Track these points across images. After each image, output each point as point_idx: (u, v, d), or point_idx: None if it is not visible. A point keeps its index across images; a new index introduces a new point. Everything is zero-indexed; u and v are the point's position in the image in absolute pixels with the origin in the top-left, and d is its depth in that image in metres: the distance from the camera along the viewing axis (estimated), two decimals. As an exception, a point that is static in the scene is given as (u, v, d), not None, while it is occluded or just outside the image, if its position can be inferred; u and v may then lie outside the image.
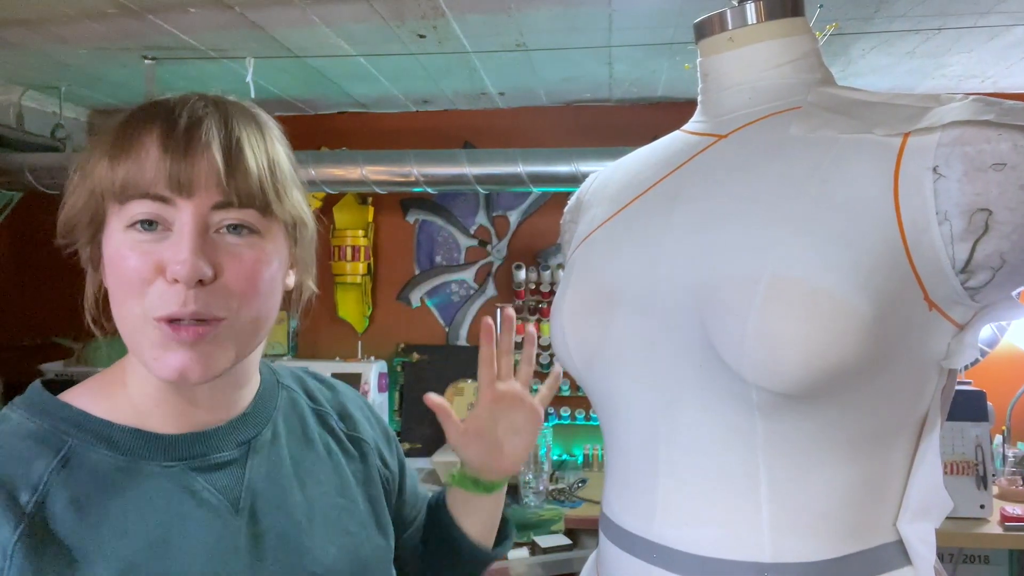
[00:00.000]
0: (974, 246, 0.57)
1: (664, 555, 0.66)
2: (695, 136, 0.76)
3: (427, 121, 2.70)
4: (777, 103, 0.71)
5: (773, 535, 0.62)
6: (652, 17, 1.77)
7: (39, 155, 2.29)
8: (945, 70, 2.18)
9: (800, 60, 0.72)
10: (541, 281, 2.59)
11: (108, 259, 0.61)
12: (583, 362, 0.74)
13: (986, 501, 1.99)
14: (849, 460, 0.62)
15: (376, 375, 2.50)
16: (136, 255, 0.59)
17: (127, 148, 0.59)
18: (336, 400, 0.82)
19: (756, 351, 0.58)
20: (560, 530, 2.05)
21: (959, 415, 2.02)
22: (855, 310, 0.56)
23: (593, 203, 0.84)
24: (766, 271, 0.59)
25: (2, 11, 1.69)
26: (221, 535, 0.63)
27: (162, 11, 1.70)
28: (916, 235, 0.58)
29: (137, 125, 0.60)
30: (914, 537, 0.63)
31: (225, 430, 0.67)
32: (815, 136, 0.65)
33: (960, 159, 0.56)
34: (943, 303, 0.60)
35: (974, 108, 0.57)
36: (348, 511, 0.73)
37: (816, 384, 0.58)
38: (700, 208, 0.68)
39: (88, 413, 0.63)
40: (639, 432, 0.70)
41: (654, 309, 0.68)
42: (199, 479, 0.64)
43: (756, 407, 0.61)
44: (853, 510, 0.63)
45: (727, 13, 0.73)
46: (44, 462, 0.59)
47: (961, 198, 0.56)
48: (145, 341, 0.60)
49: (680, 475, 0.66)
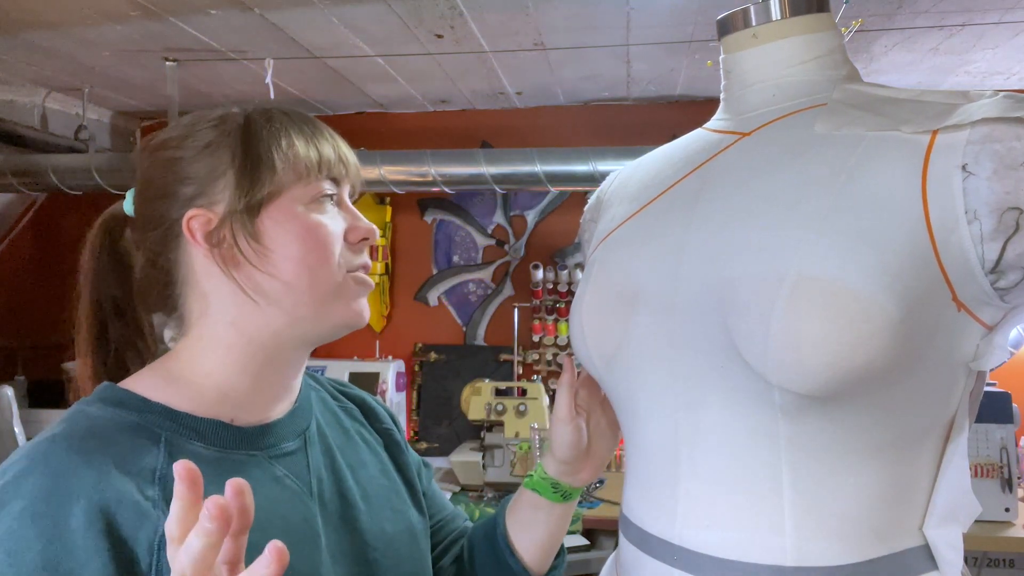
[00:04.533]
0: (1004, 245, 0.56)
1: (685, 557, 0.65)
2: (717, 134, 0.75)
3: (445, 121, 2.70)
4: (802, 100, 0.70)
5: (796, 538, 0.61)
6: (671, 15, 1.76)
7: (63, 156, 2.32)
8: (969, 67, 2.15)
9: (825, 57, 0.71)
10: (559, 280, 2.59)
11: (299, 228, 0.67)
12: (603, 361, 0.74)
13: (1011, 504, 1.96)
14: (875, 463, 0.61)
15: (394, 374, 2.51)
16: (331, 222, 0.68)
17: (314, 135, 0.69)
18: (355, 395, 0.86)
19: (780, 352, 0.57)
20: (578, 530, 2.04)
21: (984, 417, 1.99)
22: (881, 311, 0.55)
23: (614, 201, 0.83)
24: (791, 270, 0.58)
25: (26, 15, 1.72)
26: (307, 516, 0.67)
27: (183, 13, 1.71)
28: (945, 234, 0.56)
29: (297, 119, 0.70)
30: (941, 541, 0.62)
31: (286, 422, 0.70)
32: (840, 134, 0.63)
33: (990, 157, 0.55)
34: (972, 304, 0.59)
35: (1004, 105, 0.55)
36: (392, 491, 0.79)
37: (841, 386, 0.57)
38: (723, 206, 0.67)
39: (171, 407, 0.64)
40: (660, 432, 0.69)
41: (675, 308, 0.67)
42: (279, 467, 0.68)
43: (779, 409, 0.60)
44: (879, 514, 0.62)
45: (751, 9, 0.72)
46: (152, 455, 0.60)
47: (991, 196, 0.55)
48: (344, 292, 0.69)
49: (702, 476, 0.66)
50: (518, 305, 2.66)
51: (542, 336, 2.64)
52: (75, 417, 0.62)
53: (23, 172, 2.28)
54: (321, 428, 0.75)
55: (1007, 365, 2.34)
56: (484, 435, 2.30)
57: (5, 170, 2.27)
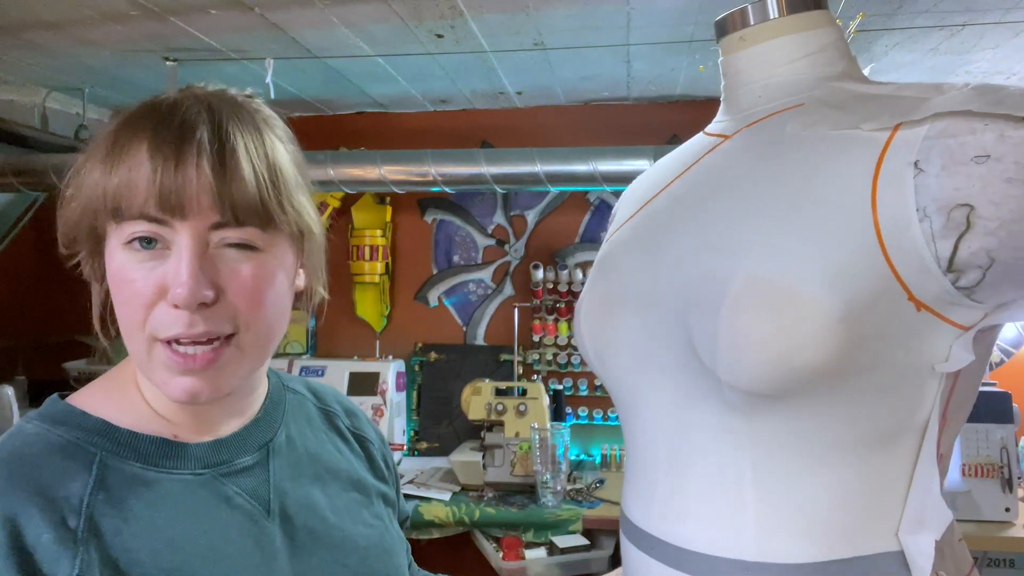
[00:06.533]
0: (957, 243, 0.54)
1: (662, 549, 0.67)
2: (709, 137, 0.77)
3: (445, 121, 2.70)
4: (786, 100, 0.70)
5: (758, 534, 0.62)
6: (671, 15, 1.76)
7: (63, 156, 2.33)
8: (970, 67, 2.15)
9: (818, 54, 0.70)
10: (559, 280, 2.59)
11: (111, 276, 0.59)
12: (598, 361, 0.76)
13: (1011, 504, 1.96)
14: (841, 462, 0.61)
15: (394, 374, 2.51)
16: (138, 275, 0.57)
17: (118, 160, 0.57)
18: (340, 399, 0.83)
19: (726, 351, 0.58)
20: (578, 530, 2.04)
21: (984, 417, 1.99)
22: (821, 310, 0.54)
23: (622, 206, 0.86)
24: (739, 270, 0.58)
25: (26, 14, 1.72)
26: (259, 539, 0.62)
27: (183, 13, 1.71)
28: (895, 232, 0.55)
29: (129, 133, 0.58)
30: (914, 548, 0.61)
31: (243, 435, 0.67)
32: (807, 133, 0.63)
33: (940, 152, 0.53)
34: (935, 304, 0.57)
35: (964, 96, 0.54)
36: (365, 505, 0.74)
37: (787, 384, 0.57)
38: (699, 208, 0.68)
39: (111, 423, 0.61)
40: (649, 429, 0.71)
41: (653, 309, 0.69)
42: (230, 485, 0.63)
43: (736, 407, 0.61)
44: (846, 514, 0.61)
45: (748, 9, 0.72)
46: (80, 481, 0.57)
47: (940, 193, 0.53)
48: (153, 363, 0.58)
49: (678, 471, 0.67)
50: (518, 305, 2.66)
51: (542, 336, 2.64)
52: (11, 437, 0.59)
53: (23, 172, 2.28)
54: (291, 437, 0.71)
55: (1007, 365, 2.34)
56: (484, 435, 2.30)
57: (5, 170, 2.27)
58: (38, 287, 2.58)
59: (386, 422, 2.44)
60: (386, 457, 0.83)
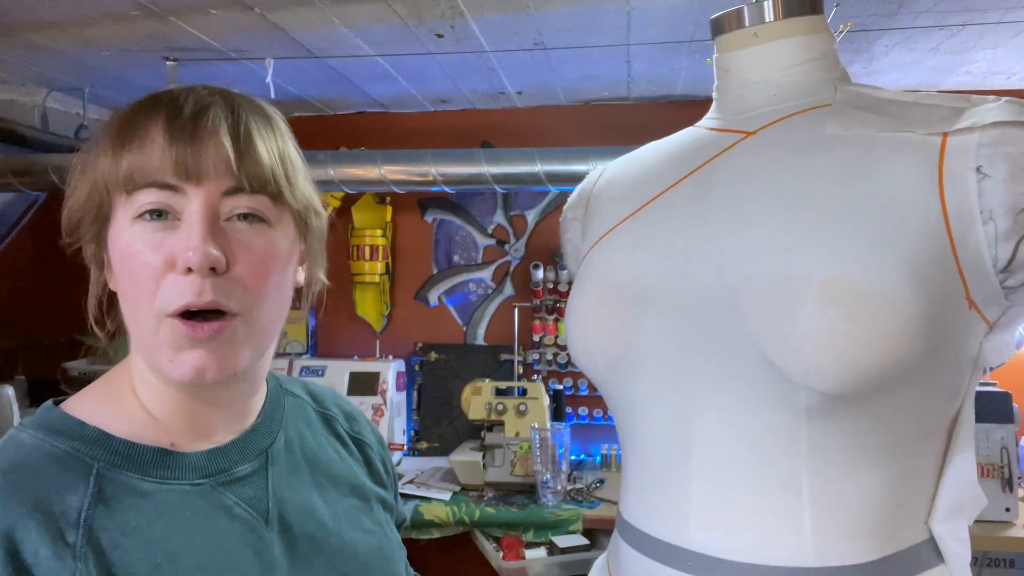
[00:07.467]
0: (1017, 245, 0.57)
1: (700, 563, 0.65)
2: (716, 133, 0.75)
3: (445, 121, 2.70)
4: (803, 101, 0.70)
5: (816, 539, 0.61)
6: (671, 14, 1.76)
7: (63, 156, 2.32)
8: (970, 67, 2.15)
9: (821, 59, 0.72)
10: (559, 280, 2.58)
11: (117, 256, 0.59)
12: (606, 364, 0.73)
13: (1011, 504, 1.96)
14: (888, 460, 0.62)
15: (394, 374, 2.51)
16: (147, 248, 0.57)
17: (131, 138, 0.57)
18: (339, 402, 0.82)
19: (808, 352, 0.58)
20: (578, 530, 2.04)
21: (984, 417, 1.98)
22: (906, 309, 0.56)
23: (604, 201, 0.82)
24: (815, 270, 0.58)
25: (26, 14, 1.72)
26: (259, 548, 0.62)
27: (184, 13, 1.71)
28: (962, 234, 0.58)
29: (141, 115, 0.58)
30: (948, 535, 0.62)
31: (241, 442, 0.66)
32: (852, 134, 0.64)
33: (1004, 159, 0.57)
34: (981, 302, 0.60)
35: (1012, 109, 0.57)
36: (364, 511, 0.74)
37: (867, 384, 0.57)
38: (734, 206, 0.67)
39: (108, 433, 0.60)
40: (665, 435, 0.69)
41: (686, 310, 0.67)
42: (228, 495, 0.63)
43: (803, 409, 0.61)
44: (891, 510, 0.62)
45: (744, 10, 0.73)
46: (78, 494, 0.56)
47: (1007, 197, 0.57)
48: (160, 341, 0.58)
49: (716, 480, 0.65)
50: (518, 305, 2.66)
51: (542, 336, 2.64)
52: (6, 447, 0.58)
53: (23, 172, 2.28)
54: (290, 442, 0.71)
55: (1007, 365, 2.34)
56: (484, 435, 2.30)
57: (5, 170, 2.27)
58: (38, 287, 2.58)
59: (386, 422, 2.44)
60: (385, 461, 0.82)
